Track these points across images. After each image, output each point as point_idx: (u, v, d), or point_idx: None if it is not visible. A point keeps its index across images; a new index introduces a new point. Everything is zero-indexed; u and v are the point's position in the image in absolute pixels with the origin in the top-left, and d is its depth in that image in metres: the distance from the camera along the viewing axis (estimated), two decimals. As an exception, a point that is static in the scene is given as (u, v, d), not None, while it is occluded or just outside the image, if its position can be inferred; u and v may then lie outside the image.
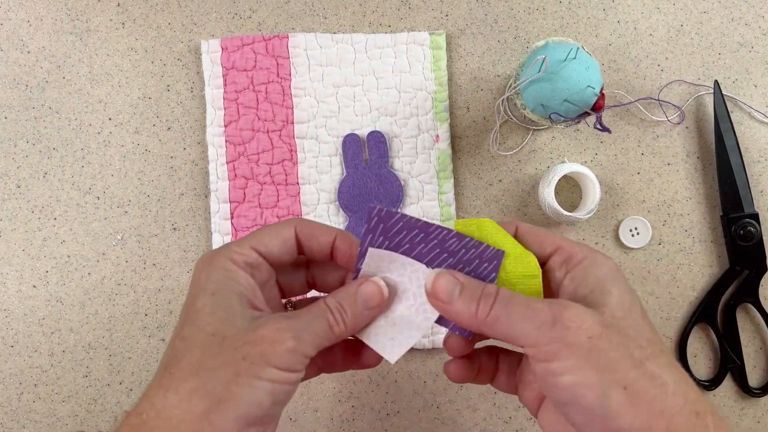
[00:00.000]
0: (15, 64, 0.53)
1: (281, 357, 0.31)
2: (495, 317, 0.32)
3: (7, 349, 0.52)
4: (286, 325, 0.32)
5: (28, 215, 0.52)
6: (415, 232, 0.35)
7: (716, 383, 0.53)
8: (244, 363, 0.31)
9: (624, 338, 0.31)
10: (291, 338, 0.32)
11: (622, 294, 0.32)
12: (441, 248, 0.36)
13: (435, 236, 0.35)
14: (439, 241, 0.35)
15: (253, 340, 0.31)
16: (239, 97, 0.52)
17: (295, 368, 0.32)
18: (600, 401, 0.29)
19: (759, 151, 0.55)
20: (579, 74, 0.44)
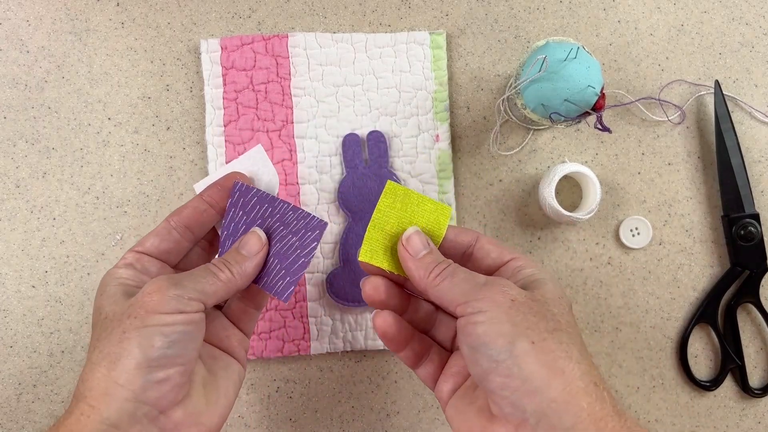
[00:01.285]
0: (14, 63, 0.53)
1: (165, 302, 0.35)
2: (441, 279, 0.36)
3: (6, 350, 0.52)
4: (165, 278, 0.36)
5: (27, 215, 0.52)
6: (265, 206, 0.42)
7: (717, 383, 0.53)
8: (129, 320, 0.35)
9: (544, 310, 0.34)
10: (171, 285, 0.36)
11: (556, 288, 0.36)
12: (280, 220, 0.42)
13: (279, 209, 0.42)
14: (281, 214, 0.42)
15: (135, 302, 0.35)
16: (239, 96, 0.52)
17: (183, 309, 0.35)
18: (507, 347, 0.33)
19: (760, 151, 0.54)
20: (579, 74, 0.44)
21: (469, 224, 0.54)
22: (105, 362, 0.34)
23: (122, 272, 0.39)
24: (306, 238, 0.41)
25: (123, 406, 0.33)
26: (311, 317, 0.52)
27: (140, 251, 0.40)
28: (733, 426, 0.54)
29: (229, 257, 0.40)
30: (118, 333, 0.35)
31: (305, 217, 0.41)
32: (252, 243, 0.40)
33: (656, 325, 0.54)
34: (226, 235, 0.42)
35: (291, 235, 0.41)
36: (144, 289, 0.36)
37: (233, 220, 0.42)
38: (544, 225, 0.54)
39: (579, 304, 0.54)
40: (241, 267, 0.39)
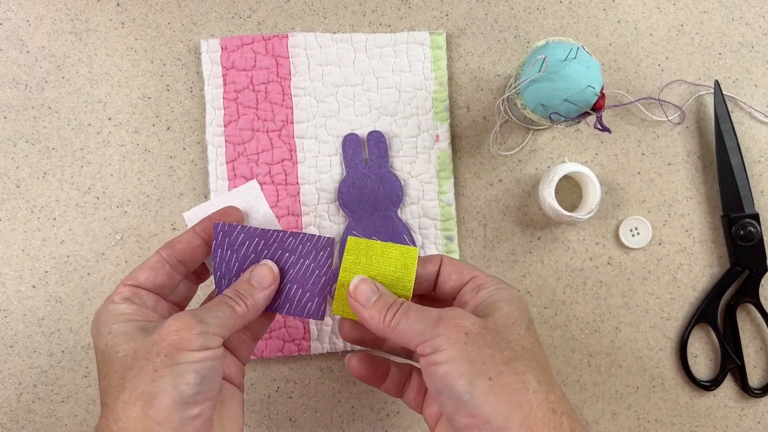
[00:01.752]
0: (14, 63, 0.53)
1: (191, 339, 0.35)
2: (396, 322, 0.36)
3: (7, 350, 0.52)
4: (188, 314, 0.36)
5: (27, 215, 0.52)
6: (256, 240, 0.42)
7: (717, 383, 0.53)
8: (159, 358, 0.34)
9: (499, 339, 0.35)
10: (196, 322, 0.36)
11: (511, 311, 0.36)
12: (282, 248, 0.42)
13: (274, 240, 0.42)
14: (279, 243, 0.42)
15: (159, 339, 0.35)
16: (239, 96, 0.52)
17: (208, 346, 0.36)
18: (467, 388, 0.33)
19: (759, 151, 0.55)
20: (579, 74, 0.44)
21: (469, 224, 0.54)
22: (140, 402, 0.34)
23: (124, 308, 0.38)
24: (320, 258, 0.41)
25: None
26: (311, 317, 0.52)
27: (135, 285, 0.39)
28: (733, 426, 0.54)
29: (241, 289, 0.40)
30: (149, 371, 0.34)
31: (310, 239, 0.41)
32: (263, 275, 0.40)
33: (656, 325, 0.54)
34: (219, 275, 0.42)
35: (302, 259, 0.42)
36: (168, 326, 0.36)
37: (223, 260, 0.42)
38: (544, 225, 0.54)
39: (579, 303, 0.54)
40: (254, 300, 0.39)
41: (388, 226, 0.52)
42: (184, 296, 0.44)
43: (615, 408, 0.54)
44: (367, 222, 0.52)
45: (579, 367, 0.54)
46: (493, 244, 0.54)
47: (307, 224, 0.52)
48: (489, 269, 0.54)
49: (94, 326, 0.38)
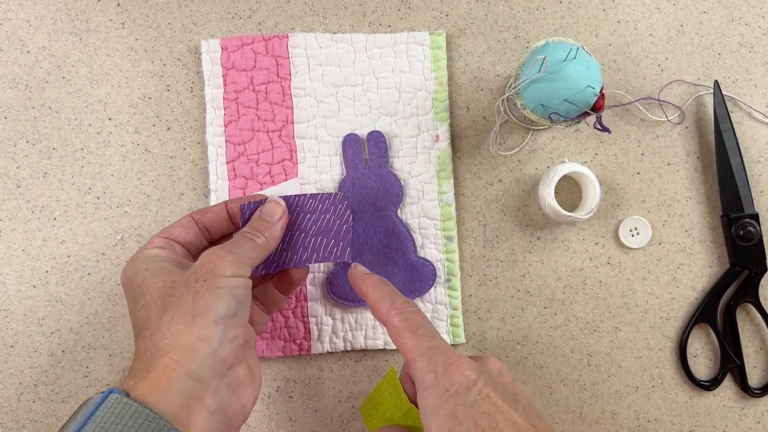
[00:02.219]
0: (15, 64, 0.53)
1: (227, 267, 0.39)
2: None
3: (7, 350, 0.52)
4: (218, 248, 0.40)
5: (27, 215, 0.52)
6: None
7: (716, 383, 0.53)
8: (198, 284, 0.38)
9: None
10: (227, 252, 0.39)
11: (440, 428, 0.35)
12: (304, 211, 0.46)
13: (296, 204, 0.46)
14: (300, 206, 0.46)
15: (197, 269, 0.39)
16: (239, 97, 0.52)
17: (240, 274, 0.39)
18: None
19: (759, 151, 0.55)
20: (579, 74, 0.44)
21: (469, 224, 0.54)
22: (183, 320, 0.37)
23: (158, 251, 0.41)
24: (339, 210, 0.47)
25: (204, 360, 0.36)
26: (311, 317, 0.53)
27: (168, 237, 0.43)
28: (733, 426, 0.54)
29: (256, 224, 0.43)
30: (190, 295, 0.37)
31: (329, 197, 0.47)
32: (273, 209, 0.44)
33: (656, 325, 0.54)
34: None
35: (323, 215, 0.46)
36: (202, 258, 0.39)
37: None
38: (544, 225, 0.54)
39: (578, 303, 0.54)
40: (271, 232, 0.43)
41: (387, 226, 0.52)
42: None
43: (615, 408, 0.54)
44: (367, 222, 0.52)
45: (578, 366, 0.54)
46: (492, 244, 0.54)
47: (307, 224, 0.52)
48: (489, 269, 0.54)
49: (129, 268, 0.41)
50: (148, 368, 0.36)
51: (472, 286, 0.54)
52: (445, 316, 0.53)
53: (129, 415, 0.33)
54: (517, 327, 0.54)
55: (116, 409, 0.34)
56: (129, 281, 0.40)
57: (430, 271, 0.52)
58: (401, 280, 0.52)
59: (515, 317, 0.54)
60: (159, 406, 0.34)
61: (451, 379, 0.36)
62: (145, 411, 0.33)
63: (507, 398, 0.36)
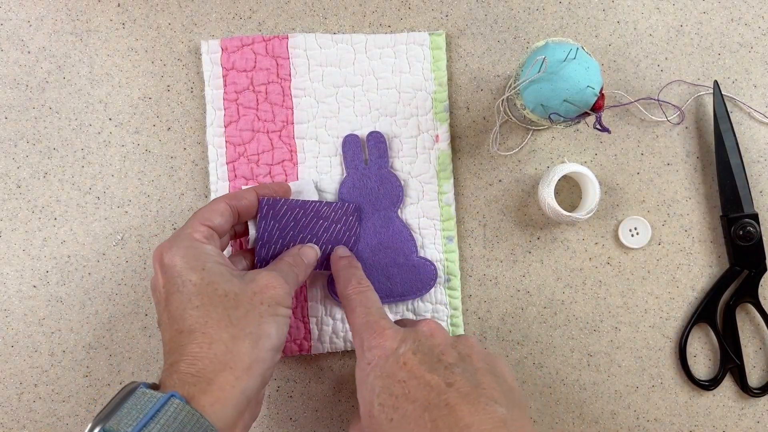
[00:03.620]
0: (15, 64, 0.53)
1: (285, 297, 0.41)
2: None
3: (8, 349, 0.52)
4: (276, 274, 0.42)
5: (28, 215, 0.52)
6: (296, 210, 0.48)
7: (716, 383, 0.53)
8: (263, 307, 0.40)
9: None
10: (284, 283, 0.42)
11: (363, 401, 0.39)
12: (317, 216, 0.49)
13: (311, 209, 0.49)
14: (315, 212, 0.49)
15: (259, 290, 0.40)
16: (239, 97, 0.52)
17: (290, 305, 0.42)
18: None
19: (759, 151, 0.55)
20: (579, 74, 0.45)
21: (469, 224, 0.54)
22: (248, 340, 0.38)
23: (211, 249, 0.42)
24: (348, 222, 0.50)
25: (257, 380, 0.38)
26: (312, 317, 0.53)
27: (211, 227, 0.43)
28: (732, 425, 0.54)
29: (295, 262, 0.46)
30: (256, 316, 0.39)
31: (341, 206, 0.50)
32: (310, 254, 0.47)
33: (655, 325, 0.54)
34: (261, 244, 0.48)
35: (334, 224, 0.50)
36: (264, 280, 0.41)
37: (266, 230, 0.48)
38: (544, 225, 0.54)
39: (578, 303, 0.54)
40: (305, 271, 0.46)
41: (388, 226, 0.52)
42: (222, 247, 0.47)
43: (614, 407, 0.54)
44: (368, 222, 0.52)
45: (578, 366, 0.54)
46: (492, 244, 0.54)
47: (307, 224, 0.53)
48: (489, 269, 0.54)
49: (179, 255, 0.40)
50: (210, 380, 0.36)
51: (472, 286, 0.54)
52: (446, 316, 0.53)
53: (191, 423, 0.34)
54: (517, 327, 0.54)
55: (179, 415, 0.34)
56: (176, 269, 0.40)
57: (431, 270, 0.52)
58: (402, 280, 0.52)
59: (515, 317, 0.54)
60: (215, 419, 0.36)
61: (372, 351, 0.39)
62: (206, 423, 0.35)
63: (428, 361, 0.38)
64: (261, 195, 0.47)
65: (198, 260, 0.40)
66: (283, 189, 0.49)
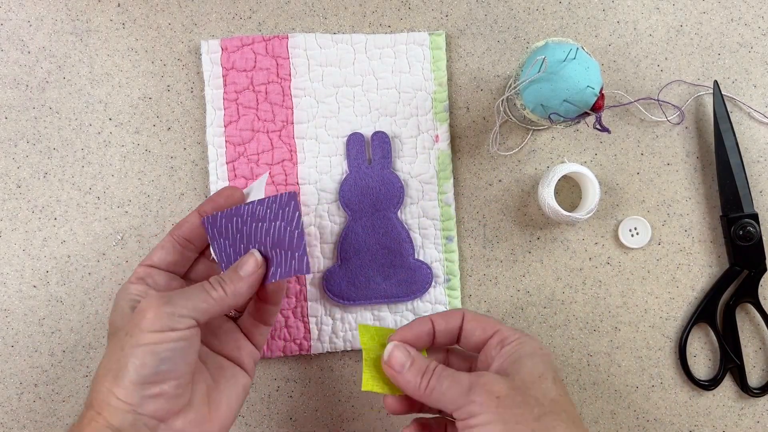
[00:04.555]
0: (15, 64, 0.53)
1: (154, 321, 0.37)
2: (431, 389, 0.38)
3: (8, 349, 0.52)
4: (158, 295, 0.38)
5: (28, 215, 0.53)
6: (234, 219, 0.43)
7: (716, 383, 0.53)
8: (126, 337, 0.37)
9: (527, 398, 0.37)
10: (163, 303, 0.37)
11: (535, 365, 0.38)
12: (255, 219, 0.43)
13: (247, 213, 0.43)
14: (251, 215, 0.43)
15: (132, 318, 0.38)
16: (239, 97, 0.52)
17: (174, 327, 0.37)
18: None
19: (758, 151, 0.55)
20: (579, 74, 0.45)
21: (469, 224, 0.54)
22: (109, 376, 0.37)
23: (133, 288, 0.42)
24: (287, 215, 0.42)
25: (124, 416, 0.36)
26: (311, 317, 0.53)
27: (149, 265, 0.43)
28: (732, 425, 0.54)
29: (225, 276, 0.41)
30: (118, 350, 0.37)
31: (274, 200, 0.43)
32: (248, 264, 0.42)
33: (655, 325, 0.54)
34: (224, 266, 0.44)
35: (273, 222, 0.43)
36: (140, 305, 0.38)
37: (221, 249, 0.44)
38: (544, 225, 0.54)
39: (578, 303, 0.54)
40: (235, 286, 0.41)
41: (387, 227, 0.52)
42: (203, 275, 0.46)
43: (614, 407, 0.54)
44: (367, 222, 0.52)
45: (578, 366, 0.54)
46: (492, 244, 0.54)
47: (307, 224, 0.52)
48: (489, 269, 0.54)
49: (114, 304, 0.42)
50: (80, 419, 0.38)
51: (472, 286, 0.54)
52: (445, 316, 0.53)
53: None
54: (516, 327, 0.54)
55: None
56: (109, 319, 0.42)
57: (426, 274, 0.52)
58: (398, 282, 0.52)
59: (515, 317, 0.54)
60: None
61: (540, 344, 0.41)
62: None
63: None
64: (203, 212, 0.44)
65: (116, 301, 0.42)
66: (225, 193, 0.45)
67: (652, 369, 0.54)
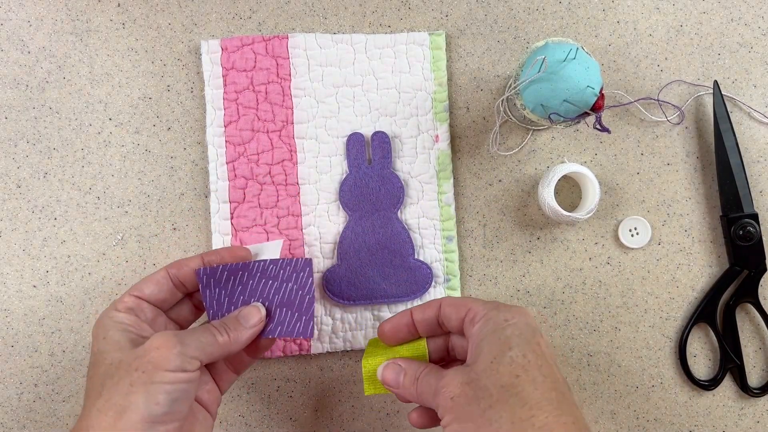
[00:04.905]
0: (15, 64, 0.53)
1: (169, 360, 0.37)
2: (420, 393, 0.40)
3: (8, 349, 0.52)
4: (170, 334, 0.38)
5: (28, 215, 0.53)
6: (240, 273, 0.45)
7: (716, 383, 0.53)
8: (137, 373, 0.36)
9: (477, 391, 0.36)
10: (177, 343, 0.37)
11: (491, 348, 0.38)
12: (266, 276, 0.44)
13: (257, 269, 0.45)
14: (262, 272, 0.45)
15: (142, 353, 0.37)
16: (239, 97, 0.52)
17: (185, 368, 0.37)
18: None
19: (758, 151, 0.55)
20: (578, 74, 0.45)
21: (469, 224, 0.54)
22: (112, 412, 0.36)
23: (123, 317, 0.41)
24: (300, 279, 0.45)
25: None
26: (311, 317, 0.53)
27: (139, 296, 0.42)
28: (732, 425, 0.54)
29: (228, 322, 0.42)
30: (126, 385, 0.36)
31: (289, 263, 0.45)
32: (252, 316, 0.43)
33: (655, 325, 0.54)
34: (212, 313, 0.44)
35: (285, 283, 0.45)
36: (151, 342, 0.38)
37: (213, 298, 0.44)
38: (544, 225, 0.54)
39: (578, 303, 0.54)
40: (237, 334, 0.42)
41: (387, 227, 0.52)
42: (186, 318, 0.46)
43: (614, 407, 0.54)
44: (367, 222, 0.52)
45: (578, 366, 0.54)
46: (492, 244, 0.54)
47: (307, 224, 0.52)
48: (489, 269, 0.54)
49: (94, 329, 0.41)
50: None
51: (472, 286, 0.54)
52: (445, 316, 0.53)
53: None
54: (516, 327, 0.54)
55: None
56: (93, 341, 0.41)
57: (426, 274, 0.52)
58: (398, 281, 0.52)
59: (515, 317, 0.54)
60: None
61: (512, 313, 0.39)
62: None
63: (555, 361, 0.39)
64: (208, 262, 0.45)
65: (104, 329, 0.40)
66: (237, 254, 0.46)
67: (652, 369, 0.54)
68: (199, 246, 0.53)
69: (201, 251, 0.53)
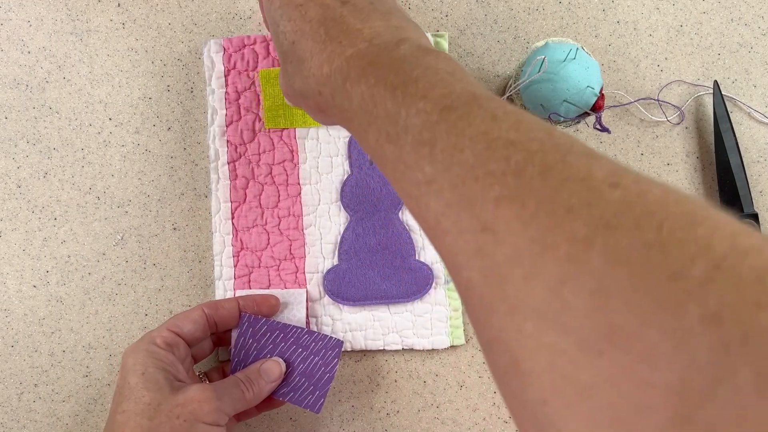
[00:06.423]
0: (15, 64, 0.53)
1: (208, 414, 0.40)
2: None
3: (7, 349, 0.52)
4: (210, 388, 0.41)
5: (28, 215, 0.52)
6: (276, 332, 0.47)
7: (716, 383, 0.53)
8: (178, 421, 0.39)
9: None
10: (215, 398, 0.40)
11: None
12: (297, 343, 0.47)
13: (292, 334, 0.47)
14: (295, 338, 0.47)
15: (183, 402, 0.40)
16: (240, 97, 0.52)
17: (219, 423, 0.40)
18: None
19: (758, 152, 0.55)
20: (579, 74, 0.45)
21: (469, 224, 0.54)
22: None
23: (163, 354, 0.42)
24: (327, 357, 0.47)
25: None
26: (311, 317, 0.53)
27: (178, 333, 0.44)
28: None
29: (252, 376, 0.45)
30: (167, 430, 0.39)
31: (323, 338, 0.47)
32: (273, 371, 0.46)
33: (655, 325, 0.54)
34: (237, 361, 0.47)
35: (313, 356, 0.47)
36: (193, 394, 0.40)
37: (243, 346, 0.47)
38: (544, 225, 0.54)
39: (578, 303, 0.54)
40: (260, 390, 0.45)
41: (388, 227, 0.52)
42: (203, 353, 0.48)
43: (614, 407, 0.54)
44: (368, 223, 0.52)
45: (578, 366, 0.54)
46: (492, 244, 0.54)
47: (307, 225, 0.52)
48: (489, 269, 0.54)
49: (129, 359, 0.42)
50: None
51: (472, 286, 0.54)
52: (445, 317, 0.53)
53: None
54: (517, 327, 0.54)
55: None
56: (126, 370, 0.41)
57: (427, 275, 0.52)
58: (398, 282, 0.52)
59: (515, 317, 0.54)
60: None
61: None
62: None
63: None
64: (243, 307, 0.47)
65: (143, 364, 0.41)
66: (270, 302, 0.49)
67: (652, 369, 0.54)
68: (199, 246, 0.53)
69: (201, 251, 0.53)
